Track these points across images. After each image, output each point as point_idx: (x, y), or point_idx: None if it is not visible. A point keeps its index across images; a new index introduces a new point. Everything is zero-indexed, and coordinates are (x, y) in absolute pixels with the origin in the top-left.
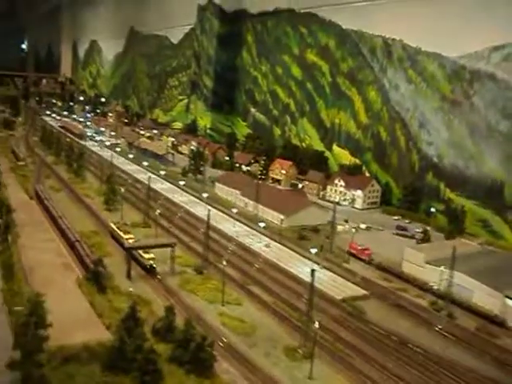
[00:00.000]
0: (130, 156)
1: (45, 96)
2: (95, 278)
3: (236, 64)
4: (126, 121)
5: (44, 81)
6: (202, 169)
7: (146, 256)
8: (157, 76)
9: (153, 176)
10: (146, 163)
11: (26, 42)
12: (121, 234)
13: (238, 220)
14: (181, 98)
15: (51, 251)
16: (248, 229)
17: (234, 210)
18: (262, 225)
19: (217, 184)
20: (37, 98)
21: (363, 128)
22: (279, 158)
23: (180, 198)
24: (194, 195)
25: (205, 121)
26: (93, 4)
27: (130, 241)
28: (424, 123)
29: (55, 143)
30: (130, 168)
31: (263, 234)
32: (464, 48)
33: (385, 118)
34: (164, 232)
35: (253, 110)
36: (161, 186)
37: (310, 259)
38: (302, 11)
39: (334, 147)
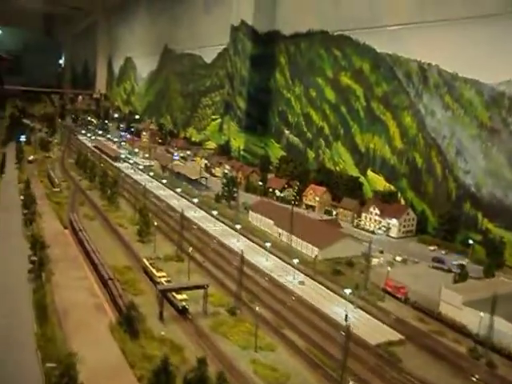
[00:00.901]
0: (164, 181)
1: (80, 113)
2: (127, 323)
3: (269, 85)
4: (160, 140)
5: (80, 97)
6: (235, 195)
7: (179, 297)
8: (190, 95)
9: (186, 202)
10: (179, 189)
11: (63, 58)
12: (153, 271)
13: (271, 253)
14: (214, 117)
15: (84, 290)
16: (282, 263)
17: (268, 244)
18: (296, 261)
19: (250, 212)
20: (73, 116)
21: (398, 154)
22: (313, 182)
23: (213, 227)
24: (227, 224)
25: (238, 142)
26: (128, 21)
27: (163, 279)
28: (461, 151)
29: (90, 167)
30: (163, 193)
31: (297, 269)
32: (503, 74)
33: (420, 144)
34: (197, 267)
35: (286, 132)
36: (194, 214)
37: (344, 298)
38: (336, 34)
39: (369, 172)
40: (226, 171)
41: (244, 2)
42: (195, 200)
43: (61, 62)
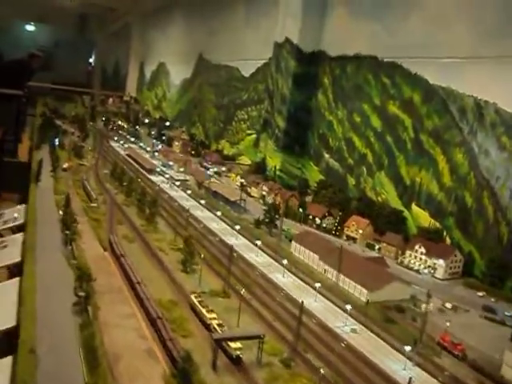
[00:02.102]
0: (202, 201)
1: (111, 116)
2: (183, 376)
3: (310, 106)
4: (192, 151)
5: (111, 99)
6: (276, 222)
7: (233, 345)
8: (225, 107)
9: (225, 227)
10: (219, 213)
11: (93, 57)
12: (203, 311)
13: (320, 293)
14: (249, 132)
15: (133, 330)
16: (332, 305)
17: (318, 285)
18: (348, 307)
19: (293, 243)
20: (103, 119)
21: (446, 191)
22: (354, 211)
23: (257, 258)
24: (270, 255)
25: (274, 161)
26: (163, 26)
27: (214, 322)
28: None
29: (125, 179)
30: (202, 215)
31: (348, 314)
32: None
33: (471, 183)
34: (244, 305)
35: (326, 155)
36: (235, 241)
37: (403, 354)
38: (386, 60)
39: (413, 207)
40: (264, 193)
41: (290, 20)
42: (237, 227)
43: (91, 60)
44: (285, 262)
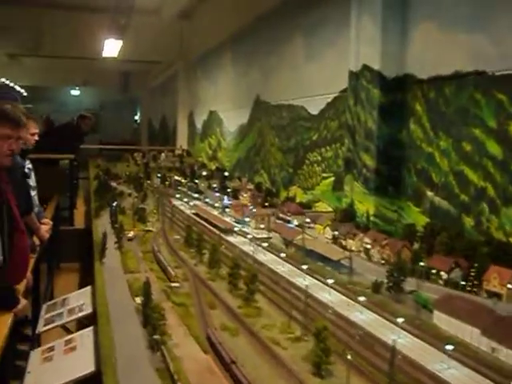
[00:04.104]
0: (304, 266)
1: (165, 171)
2: None
3: (401, 139)
4: (265, 203)
5: (163, 155)
6: (401, 285)
7: None
8: (292, 150)
9: (342, 298)
10: (331, 280)
11: (138, 113)
12: None
13: None
14: (325, 175)
15: None
16: None
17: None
18: None
19: (436, 313)
20: (158, 175)
21: None
22: (484, 259)
23: (404, 342)
24: (413, 333)
25: (366, 205)
26: (210, 73)
27: None
28: None
29: (204, 246)
30: (306, 283)
31: None
32: None
33: None
34: None
35: (429, 193)
36: (361, 317)
37: None
38: (498, 74)
39: None
40: (367, 246)
41: (367, 45)
42: (362, 298)
43: (136, 117)
44: (449, 347)
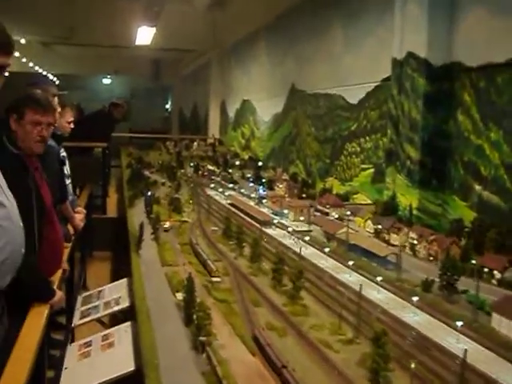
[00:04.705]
0: (350, 262)
1: (197, 160)
2: None
3: (447, 130)
4: (302, 195)
5: (195, 143)
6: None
7: None
8: (329, 140)
9: (392, 296)
10: (379, 278)
11: (169, 102)
12: None
13: None
14: (364, 166)
15: None
16: None
17: None
18: None
19: (495, 315)
20: (192, 165)
21: None
22: None
23: (457, 343)
24: (472, 338)
25: (409, 198)
26: (243, 62)
27: None
28: None
29: (241, 237)
30: (351, 279)
31: None
32: None
33: None
34: None
35: (477, 187)
36: (415, 318)
37: None
38: None
39: None
40: (414, 242)
41: (412, 32)
42: (415, 298)
43: (167, 106)
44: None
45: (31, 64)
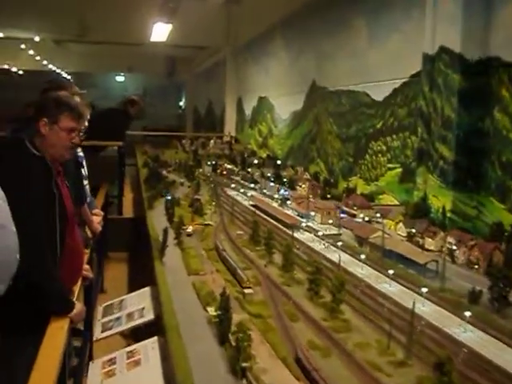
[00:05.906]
0: (390, 271)
1: (214, 159)
2: None
3: (483, 128)
4: (327, 195)
5: (212, 141)
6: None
7: None
8: (352, 138)
9: (439, 309)
10: (424, 289)
11: (183, 99)
12: None
13: None
14: (391, 165)
15: None
16: None
17: None
18: None
19: None
20: (209, 163)
21: None
22: None
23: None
24: None
25: (442, 200)
26: (260, 58)
27: None
28: None
29: (270, 243)
30: (391, 290)
31: None
32: None
33: None
34: None
35: None
36: (472, 336)
37: None
38: None
39: None
40: (453, 247)
41: (445, 25)
42: (468, 313)
43: (181, 103)
44: None
45: (45, 62)
